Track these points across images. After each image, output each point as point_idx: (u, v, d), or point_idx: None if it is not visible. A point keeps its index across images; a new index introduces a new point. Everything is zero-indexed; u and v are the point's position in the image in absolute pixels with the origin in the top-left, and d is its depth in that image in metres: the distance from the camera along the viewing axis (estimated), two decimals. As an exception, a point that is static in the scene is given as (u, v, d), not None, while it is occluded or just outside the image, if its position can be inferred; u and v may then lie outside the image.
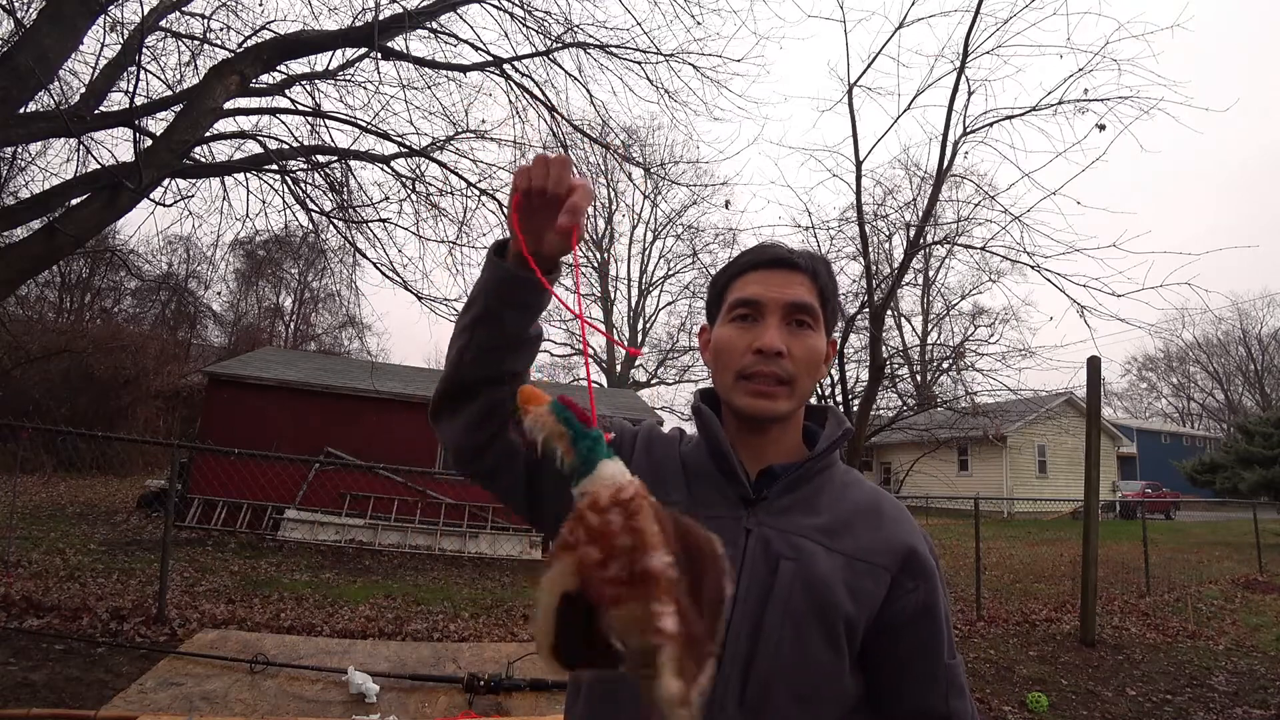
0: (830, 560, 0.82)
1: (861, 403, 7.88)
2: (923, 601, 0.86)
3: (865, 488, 0.92)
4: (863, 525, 0.85)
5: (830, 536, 0.83)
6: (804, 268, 0.88)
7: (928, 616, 0.86)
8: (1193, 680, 5.09)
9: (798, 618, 0.79)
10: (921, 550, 0.88)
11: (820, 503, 0.86)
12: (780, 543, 0.82)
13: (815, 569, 0.81)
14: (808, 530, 0.83)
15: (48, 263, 5.60)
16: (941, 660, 0.87)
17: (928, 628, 0.86)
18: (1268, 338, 42.59)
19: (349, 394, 10.81)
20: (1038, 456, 22.60)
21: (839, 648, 0.81)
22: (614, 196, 24.82)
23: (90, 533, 8.32)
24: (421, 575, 8.00)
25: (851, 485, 0.90)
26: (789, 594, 0.79)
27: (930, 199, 7.33)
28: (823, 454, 0.88)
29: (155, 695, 1.64)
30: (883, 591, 0.84)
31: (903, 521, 0.89)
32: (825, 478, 0.89)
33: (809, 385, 0.86)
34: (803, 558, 0.81)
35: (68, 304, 22.27)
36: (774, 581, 0.80)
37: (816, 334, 0.86)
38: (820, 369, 0.87)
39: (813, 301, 0.86)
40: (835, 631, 0.80)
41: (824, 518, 0.85)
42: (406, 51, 6.28)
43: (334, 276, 11.36)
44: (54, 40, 4.49)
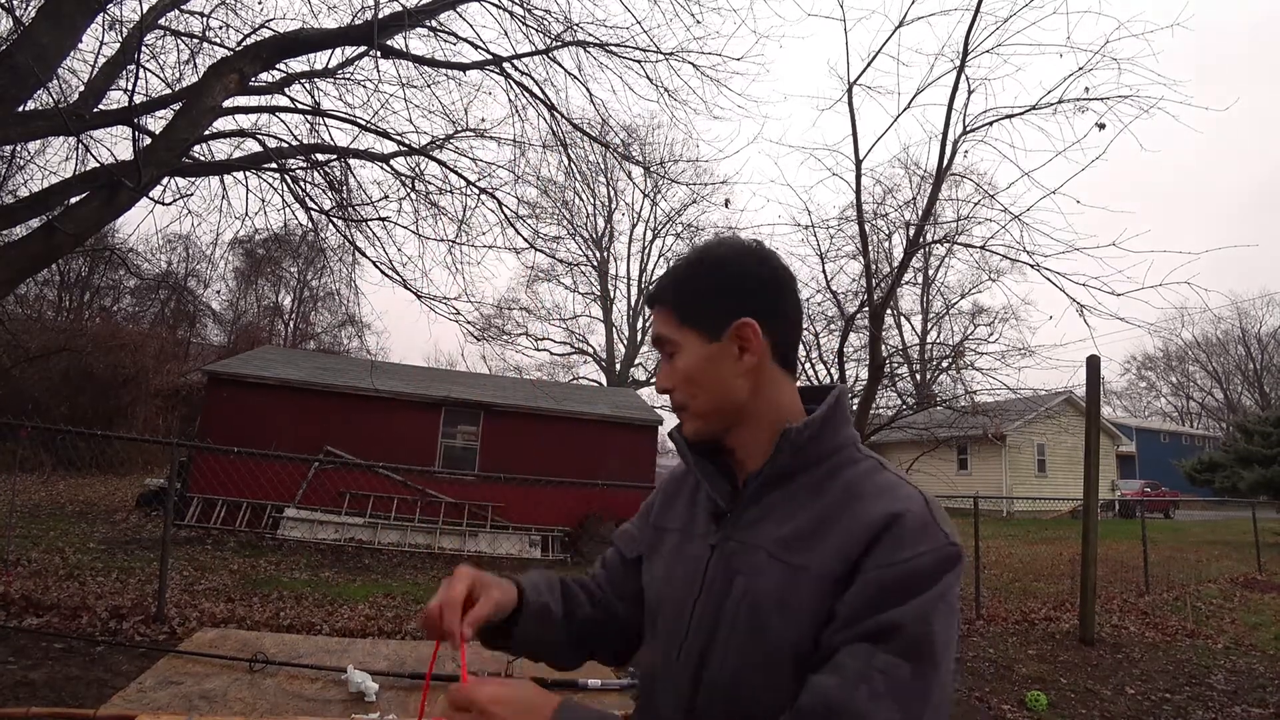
0: (782, 576, 0.76)
1: (861, 401, 7.89)
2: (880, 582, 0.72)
3: (857, 482, 0.79)
4: (832, 529, 0.76)
5: (792, 549, 0.76)
6: (655, 300, 0.89)
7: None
8: (1191, 679, 5.09)
9: (742, 637, 0.76)
10: (898, 525, 0.72)
11: (798, 508, 0.79)
12: (741, 557, 0.80)
13: (761, 586, 0.77)
14: (767, 542, 0.79)
15: (47, 261, 5.60)
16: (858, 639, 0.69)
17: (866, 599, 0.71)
18: (1267, 337, 42.65)
19: (349, 393, 10.81)
20: (1037, 455, 22.61)
21: (783, 673, 0.73)
22: (614, 195, 24.81)
23: (90, 531, 8.32)
24: (421, 574, 8.00)
25: (849, 481, 0.79)
26: (737, 611, 0.77)
27: (930, 198, 7.33)
28: (787, 460, 0.81)
29: (154, 694, 1.64)
30: (829, 601, 0.72)
31: (872, 505, 0.75)
32: (818, 480, 0.81)
33: (705, 398, 0.85)
34: (754, 573, 0.78)
35: (67, 303, 22.26)
36: (727, 598, 0.79)
37: (681, 354, 0.85)
38: (703, 375, 0.84)
39: (666, 332, 0.86)
40: (776, 658, 0.74)
41: (791, 526, 0.78)
42: (406, 50, 6.28)
43: (333, 275, 11.34)
44: (53, 38, 4.49)
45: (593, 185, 9.72)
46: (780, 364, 0.86)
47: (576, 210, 23.22)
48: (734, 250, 0.87)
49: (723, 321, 0.83)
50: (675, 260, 0.92)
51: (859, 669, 0.65)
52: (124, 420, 15.94)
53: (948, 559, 0.71)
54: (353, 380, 11.20)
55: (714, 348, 0.84)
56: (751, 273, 0.85)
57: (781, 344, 0.86)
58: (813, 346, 8.53)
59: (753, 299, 0.84)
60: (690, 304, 0.85)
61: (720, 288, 0.84)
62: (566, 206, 11.50)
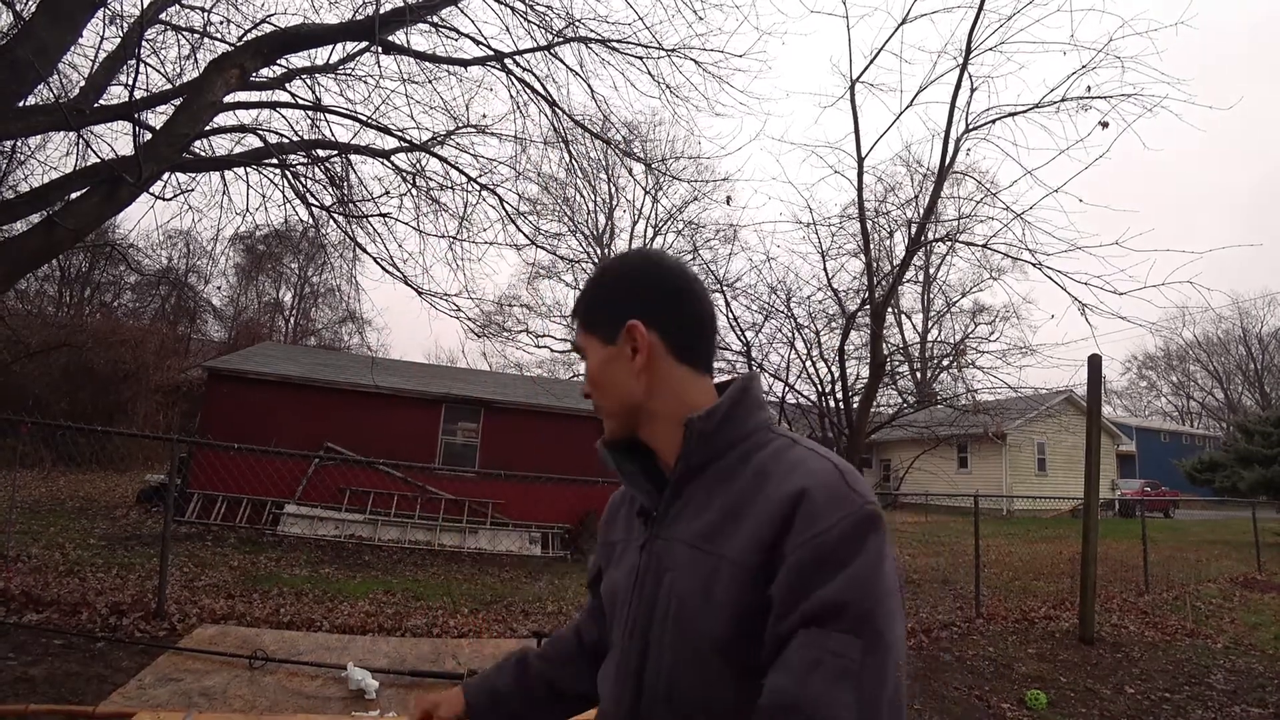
0: (703, 566, 0.76)
1: (862, 400, 7.87)
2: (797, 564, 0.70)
3: (766, 462, 0.79)
4: (745, 514, 0.75)
5: (711, 538, 0.77)
6: (573, 313, 0.96)
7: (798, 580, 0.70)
8: (1191, 678, 5.09)
9: (672, 634, 0.77)
10: (808, 501, 0.71)
11: (713, 497, 0.80)
12: (667, 553, 0.81)
13: (685, 579, 0.77)
14: (688, 534, 0.80)
15: (47, 257, 5.59)
16: (801, 622, 0.68)
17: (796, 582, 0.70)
18: (1268, 337, 42.64)
19: (349, 389, 10.81)
20: (1037, 454, 22.61)
21: (711, 668, 0.74)
22: (615, 192, 24.77)
23: (90, 527, 8.32)
24: (421, 571, 8.01)
25: (759, 463, 0.79)
26: (666, 608, 0.78)
27: (932, 196, 7.31)
28: (694, 449, 0.82)
29: (154, 691, 1.64)
30: (756, 591, 0.72)
31: (781, 484, 0.74)
32: (731, 465, 0.81)
33: (608, 399, 0.90)
34: (678, 568, 0.79)
35: (67, 298, 22.25)
36: (658, 594, 0.80)
37: (589, 357, 0.91)
38: (603, 377, 0.89)
39: (578, 340, 0.94)
40: (704, 652, 0.74)
41: (708, 515, 0.79)
42: (407, 45, 6.25)
43: (334, 271, 11.37)
44: (53, 33, 4.47)
45: (594, 182, 9.70)
46: (683, 361, 0.88)
47: (578, 207, 23.17)
48: (629, 260, 0.94)
49: (616, 325, 0.88)
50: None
51: (809, 657, 0.65)
52: (124, 416, 15.96)
53: (866, 520, 0.70)
54: (353, 377, 11.20)
55: (610, 350, 0.89)
56: (641, 278, 0.90)
57: (679, 342, 0.88)
58: (814, 344, 8.52)
59: (641, 302, 0.88)
60: (591, 312, 0.92)
61: (613, 294, 0.90)
62: (568, 203, 11.49)
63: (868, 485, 0.76)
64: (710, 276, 9.57)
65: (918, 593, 7.88)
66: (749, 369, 8.70)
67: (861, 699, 0.62)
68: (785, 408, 8.94)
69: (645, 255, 0.96)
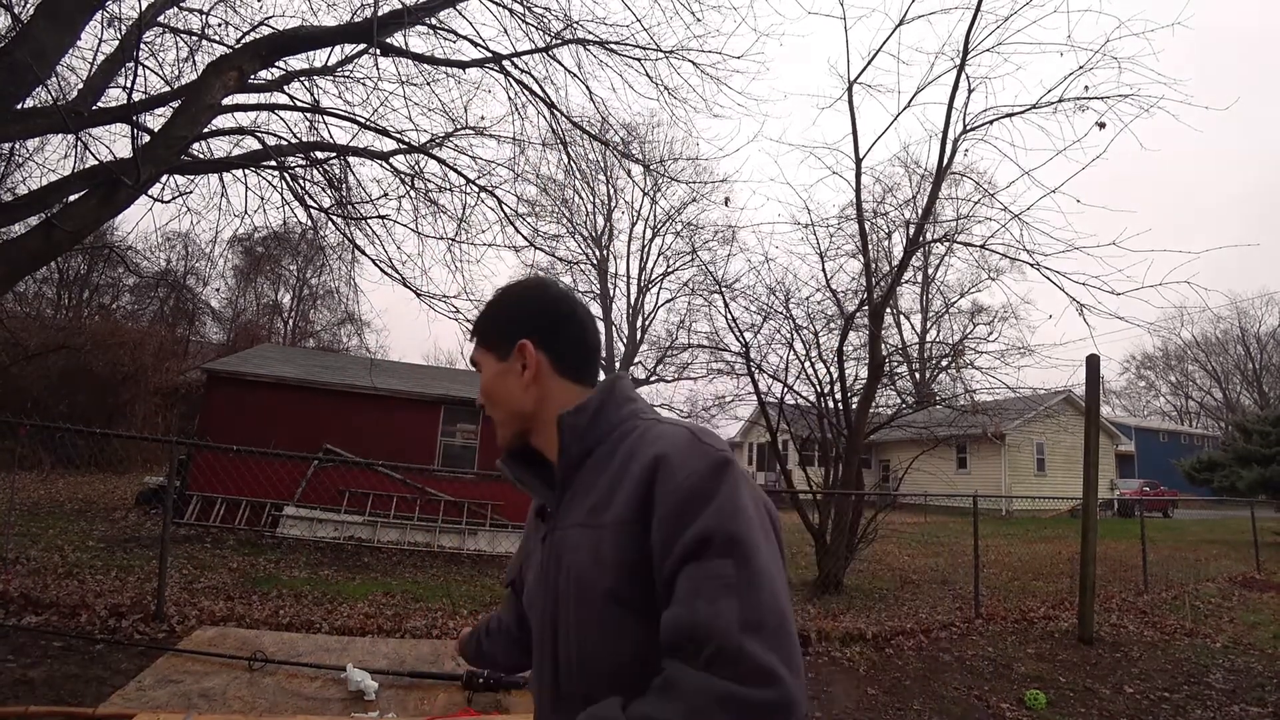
0: (590, 538, 0.85)
1: (860, 400, 7.89)
2: (665, 516, 0.78)
3: (634, 442, 0.88)
4: (620, 486, 0.84)
5: (595, 513, 0.86)
6: (471, 331, 1.07)
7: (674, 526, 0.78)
8: (1190, 678, 5.10)
9: (574, 608, 0.85)
10: (664, 464, 0.81)
11: (596, 481, 0.89)
12: (563, 540, 0.89)
13: (578, 555, 0.86)
14: (578, 517, 0.89)
15: (45, 259, 5.58)
16: (686, 558, 0.75)
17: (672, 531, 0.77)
18: (1266, 336, 42.68)
19: (348, 391, 10.80)
20: (1036, 454, 22.62)
21: (611, 624, 0.82)
22: (613, 193, 24.79)
23: (89, 529, 8.32)
24: (420, 572, 8.00)
25: (630, 444, 0.88)
26: (567, 587, 0.86)
27: (930, 196, 7.33)
28: (569, 443, 0.92)
29: (153, 692, 1.64)
30: (636, 545, 0.80)
31: (644, 455, 0.84)
32: (607, 452, 0.90)
33: (499, 409, 1.00)
34: (572, 549, 0.87)
35: (66, 300, 22.24)
36: (559, 579, 0.88)
37: (483, 371, 1.02)
38: (495, 389, 1.00)
39: (474, 355, 1.04)
40: (603, 610, 0.82)
41: (592, 497, 0.88)
42: (405, 48, 6.26)
43: (333, 273, 11.33)
44: (51, 36, 4.48)
45: (592, 183, 9.73)
46: (566, 376, 0.99)
47: (576, 208, 23.18)
48: (522, 285, 1.06)
49: (509, 344, 0.99)
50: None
51: (690, 587, 0.72)
52: (123, 418, 15.94)
53: (719, 463, 0.80)
54: (352, 378, 11.19)
55: (503, 366, 1.00)
56: (531, 303, 1.02)
57: (562, 360, 0.99)
58: (812, 345, 8.52)
59: (531, 323, 1.00)
60: (486, 331, 1.03)
61: (507, 316, 1.02)
62: (566, 204, 11.50)
63: (720, 439, 0.86)
64: (709, 277, 9.54)
65: (917, 593, 7.89)
66: (748, 370, 8.72)
67: (742, 606, 0.69)
68: (784, 408, 8.95)
69: (537, 283, 1.06)
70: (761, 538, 0.76)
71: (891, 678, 4.86)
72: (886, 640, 5.69)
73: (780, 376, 8.77)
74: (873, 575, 8.89)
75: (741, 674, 0.66)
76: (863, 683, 4.73)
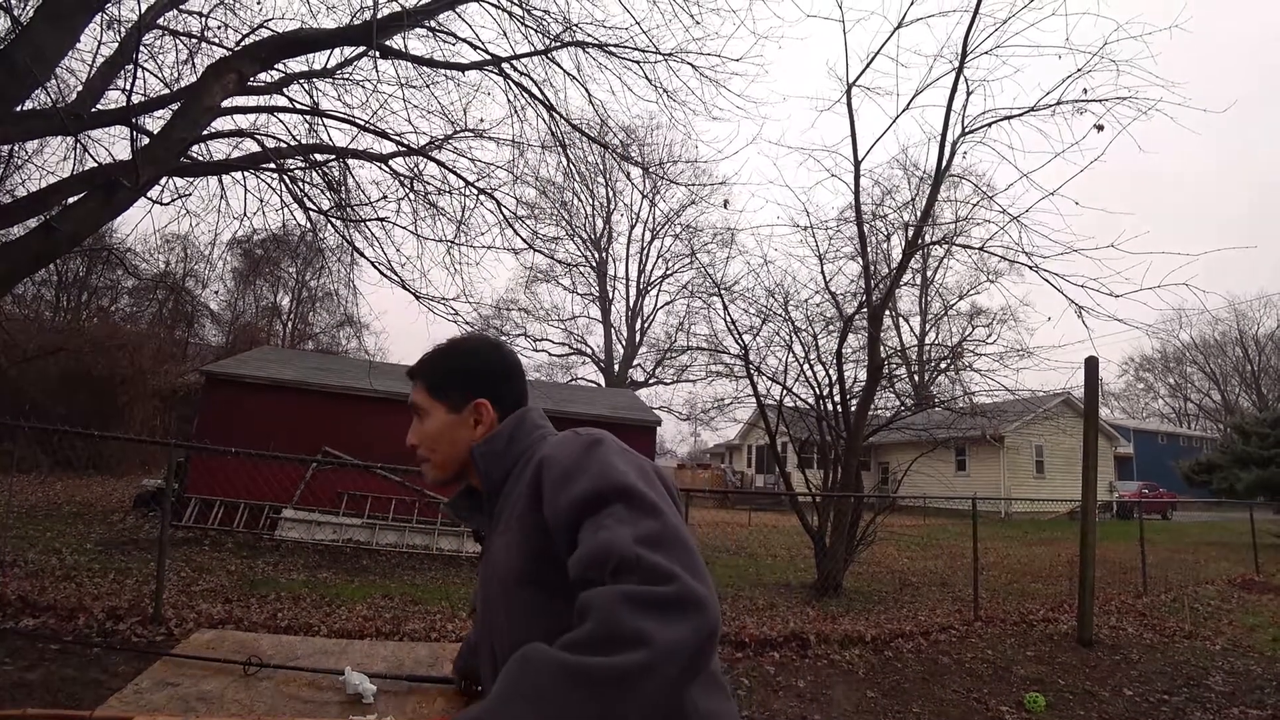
0: (505, 540, 0.96)
1: (860, 403, 7.88)
2: (551, 495, 0.88)
3: (535, 457, 0.98)
4: (520, 487, 0.97)
5: (508, 520, 0.97)
6: (413, 375, 1.16)
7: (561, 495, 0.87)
8: (1189, 680, 5.10)
9: (500, 606, 0.95)
10: (546, 460, 0.93)
11: (511, 497, 1.00)
12: (493, 553, 1.01)
13: (495, 557, 0.98)
14: (498, 529, 1.01)
15: (44, 261, 5.58)
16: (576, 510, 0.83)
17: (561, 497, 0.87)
18: (1264, 338, 42.74)
19: (347, 393, 10.79)
20: (1035, 457, 22.63)
21: (532, 606, 0.90)
22: (612, 196, 24.81)
23: (86, 532, 8.30)
24: (419, 575, 7.99)
25: (532, 460, 0.98)
26: (496, 588, 0.97)
27: (929, 199, 7.34)
28: (487, 469, 1.04)
29: (151, 695, 1.63)
30: (538, 531, 0.89)
31: (534, 461, 0.97)
32: (518, 472, 1.02)
33: (441, 454, 1.11)
34: (496, 555, 0.98)
35: (64, 303, 22.19)
36: (490, 585, 0.99)
37: (430, 418, 1.11)
38: (442, 438, 1.10)
39: (417, 399, 1.13)
40: (513, 589, 0.92)
41: (507, 512, 0.99)
42: (405, 50, 6.27)
43: (332, 275, 11.29)
44: (51, 38, 4.48)
45: (591, 186, 9.72)
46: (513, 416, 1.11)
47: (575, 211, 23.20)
48: (476, 343, 1.18)
49: (464, 399, 1.10)
50: (434, 347, 1.18)
51: (590, 530, 0.78)
52: (121, 421, 15.90)
53: (592, 441, 0.92)
54: (351, 381, 11.18)
55: (454, 418, 1.10)
56: (490, 362, 1.14)
57: (505, 411, 1.11)
58: (811, 347, 8.52)
59: (486, 383, 1.11)
60: (440, 383, 1.12)
61: (463, 372, 1.12)
62: (565, 207, 11.48)
63: (600, 431, 0.96)
64: (708, 280, 9.55)
65: (916, 595, 7.88)
66: (747, 372, 8.72)
67: (636, 529, 0.75)
68: (783, 410, 8.95)
69: (491, 344, 1.18)
70: (645, 485, 0.82)
71: (891, 680, 4.85)
72: (886, 643, 5.68)
73: (779, 379, 8.78)
74: (872, 577, 8.89)
75: (642, 576, 0.69)
76: (862, 685, 4.72)
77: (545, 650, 0.67)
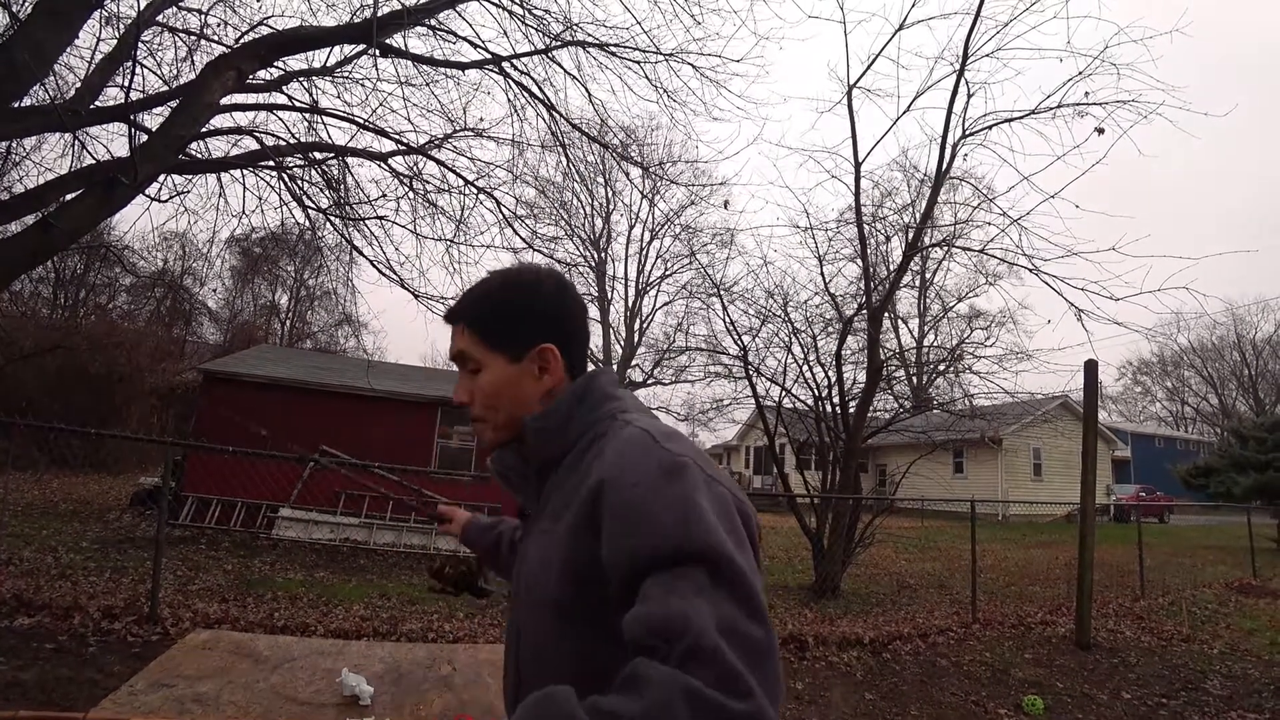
0: (544, 545, 0.83)
1: (858, 404, 7.88)
2: (609, 530, 0.73)
3: (603, 446, 0.82)
4: (579, 490, 0.80)
5: (555, 518, 0.83)
6: (456, 318, 0.96)
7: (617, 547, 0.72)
8: (1187, 684, 5.10)
9: (528, 610, 0.86)
10: (609, 483, 0.75)
11: (564, 484, 0.86)
12: (528, 544, 0.90)
13: (532, 559, 0.86)
14: (544, 523, 0.87)
15: (42, 258, 5.56)
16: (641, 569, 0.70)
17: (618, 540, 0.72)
18: (1262, 343, 42.83)
19: (345, 392, 10.77)
20: (1033, 459, 22.64)
21: (561, 631, 0.79)
22: (612, 196, 24.83)
23: (82, 531, 8.27)
24: (417, 575, 7.97)
25: (600, 447, 0.83)
26: (525, 591, 0.87)
27: (929, 201, 7.34)
28: (536, 448, 0.89)
29: (146, 697, 1.62)
30: (585, 553, 0.76)
31: (596, 466, 0.79)
32: (578, 453, 0.86)
33: (504, 413, 0.92)
34: (531, 553, 0.87)
35: (62, 300, 22.14)
36: (521, 582, 0.89)
37: (487, 370, 0.92)
38: (503, 393, 0.91)
39: (466, 348, 0.93)
40: (549, 616, 0.81)
41: (557, 500, 0.85)
42: (405, 49, 6.25)
43: (330, 274, 11.33)
44: (49, 34, 4.45)
45: (591, 186, 9.74)
46: (571, 376, 0.94)
47: (574, 211, 23.17)
48: (538, 280, 0.95)
49: (526, 345, 0.91)
50: (479, 282, 0.98)
51: (661, 590, 0.66)
52: (118, 419, 15.86)
53: (672, 467, 0.73)
54: (349, 380, 11.16)
55: (515, 369, 0.91)
56: (555, 303, 0.94)
57: (574, 364, 0.95)
58: (810, 349, 8.52)
59: (554, 326, 0.92)
60: (496, 327, 0.92)
61: (523, 314, 0.92)
62: (565, 207, 11.50)
63: (681, 441, 0.79)
64: (707, 280, 9.55)
65: (914, 598, 7.88)
66: (746, 373, 8.71)
67: (719, 610, 0.63)
68: (782, 412, 8.94)
69: (555, 276, 0.96)
70: (736, 546, 0.69)
71: (889, 683, 4.84)
72: (884, 645, 5.67)
73: (778, 380, 8.78)
74: (870, 580, 8.88)
75: (717, 676, 0.59)
76: (860, 688, 4.71)
77: (572, 705, 0.60)
